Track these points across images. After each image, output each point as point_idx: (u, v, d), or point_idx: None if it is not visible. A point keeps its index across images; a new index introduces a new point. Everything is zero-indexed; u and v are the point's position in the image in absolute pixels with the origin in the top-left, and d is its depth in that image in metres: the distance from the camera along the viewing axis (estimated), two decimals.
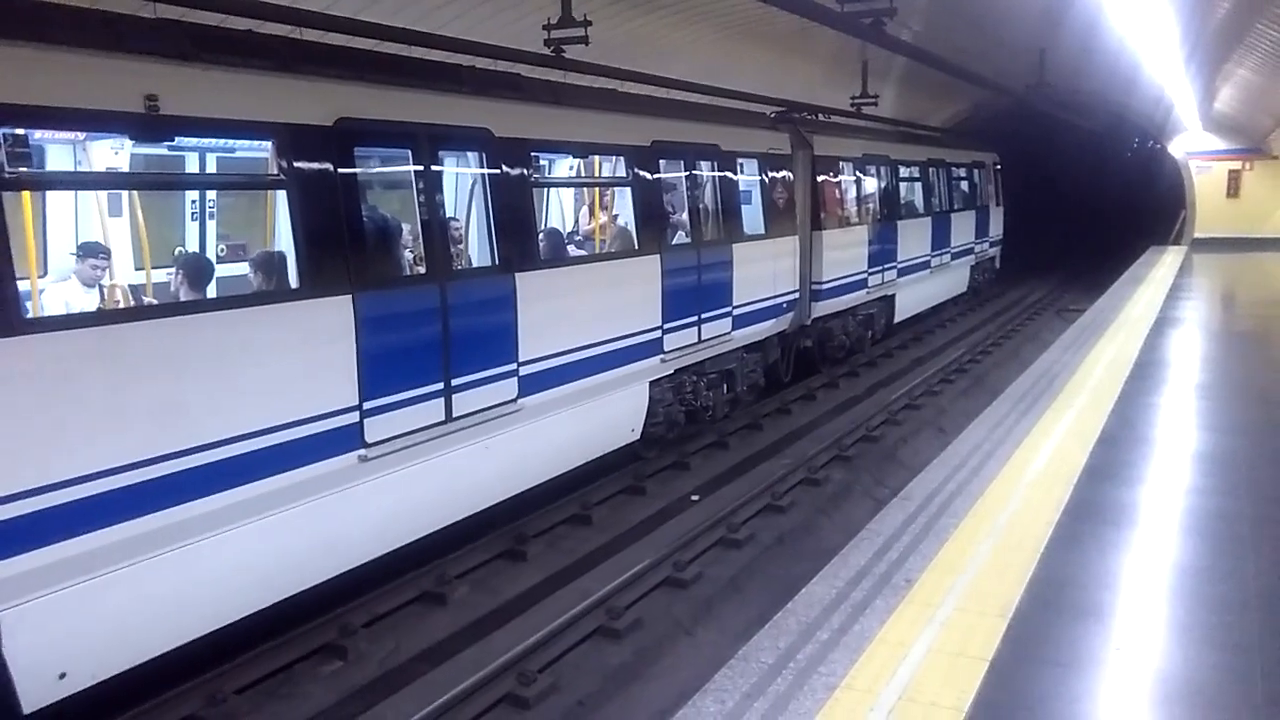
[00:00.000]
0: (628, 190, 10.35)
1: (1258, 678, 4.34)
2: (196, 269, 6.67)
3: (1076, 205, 36.90)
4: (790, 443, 12.59)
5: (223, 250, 8.33)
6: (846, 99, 18.08)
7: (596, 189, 11.26)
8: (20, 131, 5.22)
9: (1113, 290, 18.61)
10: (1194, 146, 27.56)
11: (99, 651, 5.41)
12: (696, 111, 12.11)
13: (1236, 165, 27.45)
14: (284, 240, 6.71)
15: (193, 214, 8.15)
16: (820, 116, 16.34)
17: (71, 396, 5.12)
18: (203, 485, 5.72)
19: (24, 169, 5.33)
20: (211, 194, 8.25)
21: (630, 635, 7.39)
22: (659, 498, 10.38)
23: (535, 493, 8.91)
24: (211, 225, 8.23)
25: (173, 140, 6.74)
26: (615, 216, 10.87)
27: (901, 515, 6.33)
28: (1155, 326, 13.93)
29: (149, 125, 5.72)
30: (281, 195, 6.61)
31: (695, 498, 10.41)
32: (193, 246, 8.02)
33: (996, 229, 25.68)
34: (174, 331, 5.65)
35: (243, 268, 7.49)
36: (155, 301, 6.72)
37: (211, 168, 7.94)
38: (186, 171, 7.89)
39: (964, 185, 22.98)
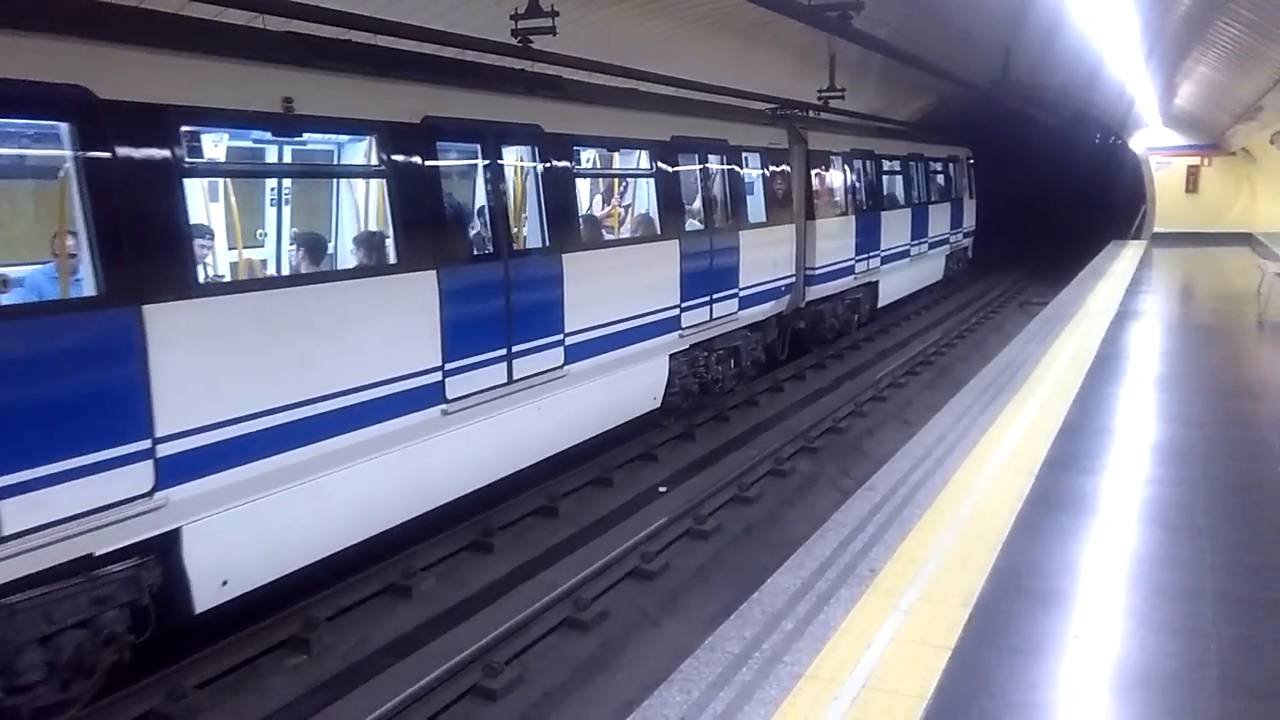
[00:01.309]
0: (651, 180, 11.38)
1: (1212, 663, 4.43)
2: (315, 245, 7.73)
3: (1039, 200, 37.30)
4: (757, 434, 12.64)
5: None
6: (814, 92, 18.14)
7: (627, 179, 12.22)
8: (194, 129, 6.44)
9: (1075, 283, 18.87)
10: (1154, 142, 27.95)
11: (251, 564, 6.49)
12: (710, 109, 13.30)
13: (1196, 161, 27.88)
14: (383, 222, 7.87)
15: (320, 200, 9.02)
16: (811, 113, 17.19)
17: (235, 347, 6.16)
18: (329, 428, 6.79)
19: (199, 160, 6.88)
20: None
21: (597, 626, 7.39)
22: (626, 489, 10.39)
23: (564, 457, 9.95)
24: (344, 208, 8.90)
25: (303, 136, 7.61)
26: (640, 203, 11.93)
27: (866, 506, 6.39)
28: (1116, 319, 14.14)
29: (287, 122, 6.74)
30: (381, 183, 7.70)
31: (663, 489, 10.43)
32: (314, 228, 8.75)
33: (970, 220, 27.10)
34: (305, 298, 6.80)
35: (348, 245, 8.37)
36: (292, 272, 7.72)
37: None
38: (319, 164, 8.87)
39: (940, 179, 24.11)
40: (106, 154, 5.46)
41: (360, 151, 8.08)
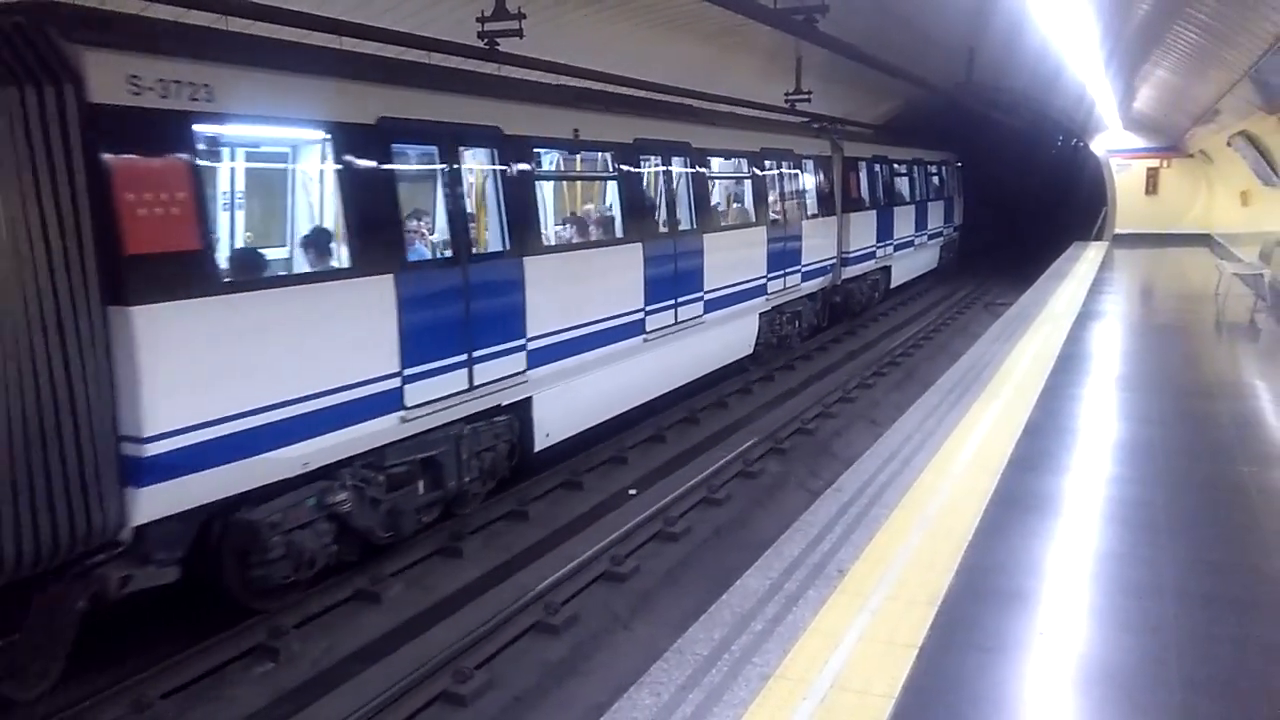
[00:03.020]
0: (749, 181, 15.20)
1: (1173, 659, 4.51)
2: (605, 222, 11.70)
3: (1002, 202, 37.70)
4: (727, 435, 12.69)
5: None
6: (781, 94, 18.25)
7: (740, 180, 15.44)
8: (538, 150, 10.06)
9: (1038, 284, 19.09)
10: (1115, 145, 28.34)
11: (558, 425, 10.20)
12: (782, 126, 17.62)
13: (1155, 163, 28.29)
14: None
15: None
16: (840, 126, 21.12)
17: (557, 287, 9.86)
18: (595, 344, 10.60)
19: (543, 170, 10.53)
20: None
21: (568, 630, 7.38)
22: (597, 492, 10.39)
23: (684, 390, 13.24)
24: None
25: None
26: (742, 198, 15.46)
27: (834, 506, 6.43)
28: (1078, 320, 14.34)
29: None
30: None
31: (633, 492, 10.44)
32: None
33: (959, 216, 31.69)
34: (598, 259, 10.90)
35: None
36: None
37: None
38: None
39: (936, 180, 28.37)
40: (507, 167, 9.29)
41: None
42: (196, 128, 6.34)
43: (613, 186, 11.69)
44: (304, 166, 8.17)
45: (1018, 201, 37.53)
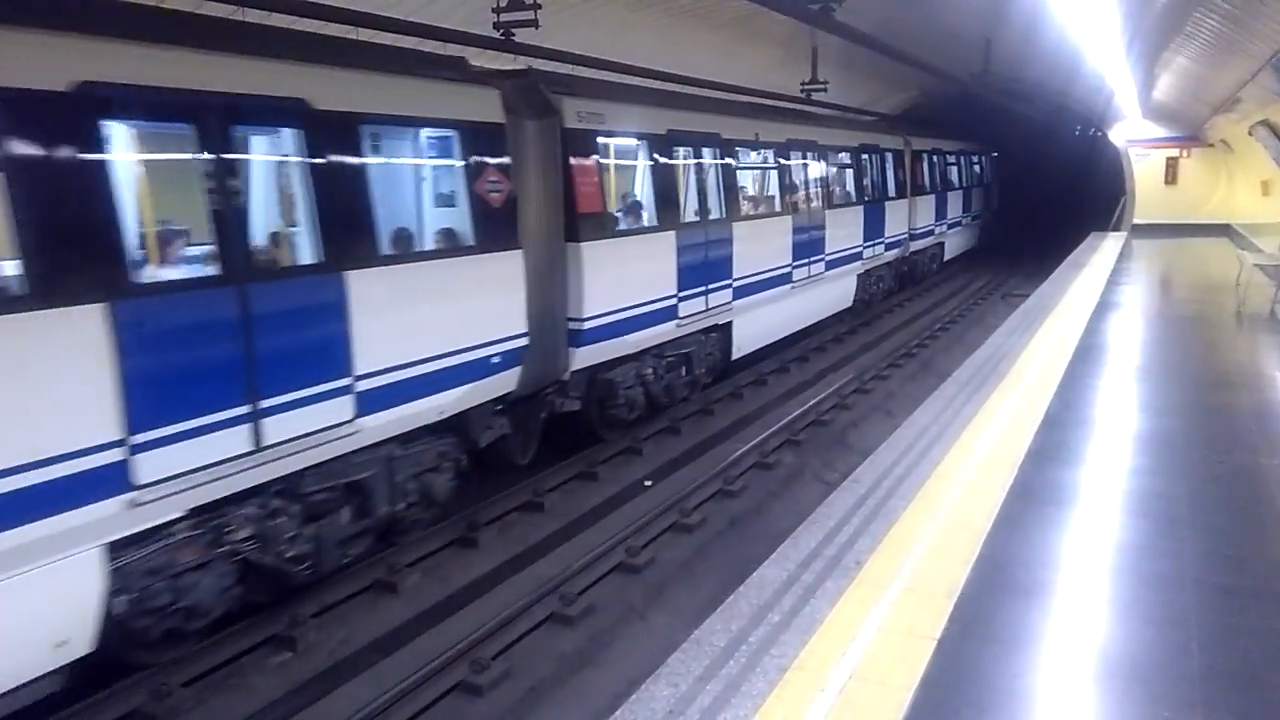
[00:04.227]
0: (850, 170, 18.78)
1: (1194, 652, 4.47)
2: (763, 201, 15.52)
3: (1020, 192, 37.47)
4: (742, 427, 12.67)
5: None
6: (797, 84, 18.16)
7: (844, 169, 18.68)
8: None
9: (1056, 275, 18.96)
10: (1134, 134, 28.09)
11: (745, 343, 13.88)
12: (873, 125, 21.85)
13: (1174, 153, 28.03)
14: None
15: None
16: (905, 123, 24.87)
17: (754, 243, 13.91)
18: (765, 287, 14.29)
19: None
20: None
21: (583, 621, 7.40)
22: (612, 483, 10.40)
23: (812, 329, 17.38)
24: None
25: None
26: (847, 183, 18.82)
27: (851, 498, 6.41)
28: (1096, 311, 14.23)
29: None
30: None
31: (648, 483, 10.44)
32: None
33: (994, 202, 35.08)
34: (768, 227, 14.77)
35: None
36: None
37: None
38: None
39: (977, 169, 31.94)
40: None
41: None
42: (599, 139, 10.37)
43: (774, 175, 15.35)
44: (643, 161, 11.62)
45: (1035, 192, 37.30)
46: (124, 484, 5.62)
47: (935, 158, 25.57)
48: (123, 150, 6.34)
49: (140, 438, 5.68)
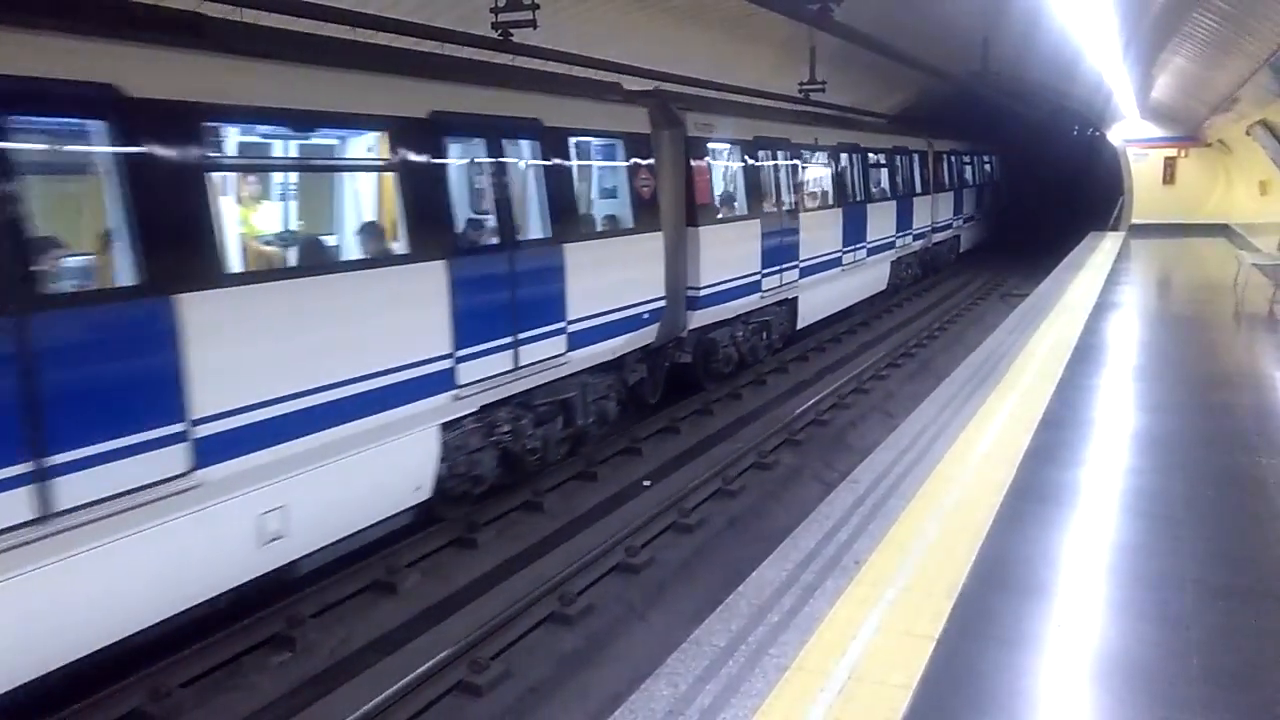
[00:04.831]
0: (885, 169, 21.41)
1: (1193, 652, 4.48)
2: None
3: (1018, 192, 37.52)
4: (741, 427, 12.68)
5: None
6: (794, 85, 18.15)
7: (880, 168, 21.32)
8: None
9: (1054, 274, 18.98)
10: (1132, 134, 28.11)
11: (807, 315, 16.44)
12: (903, 129, 24.48)
13: (1173, 152, 28.05)
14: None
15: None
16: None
17: (813, 229, 16.56)
18: (823, 268, 16.98)
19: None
20: None
21: (583, 621, 7.40)
22: (611, 483, 10.40)
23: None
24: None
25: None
26: (882, 181, 21.37)
27: (850, 498, 6.41)
28: (1095, 310, 14.25)
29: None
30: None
31: (647, 483, 10.44)
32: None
33: (1004, 199, 37.22)
34: (825, 218, 17.54)
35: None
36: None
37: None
38: None
39: (987, 169, 34.54)
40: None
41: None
42: (709, 145, 12.96)
43: (828, 174, 17.82)
44: (738, 163, 14.05)
45: (1033, 191, 37.34)
46: (452, 383, 8.12)
47: (953, 158, 28.47)
48: (455, 158, 8.58)
49: (461, 353, 8.19)
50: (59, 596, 5.35)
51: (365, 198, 8.25)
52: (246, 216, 7.39)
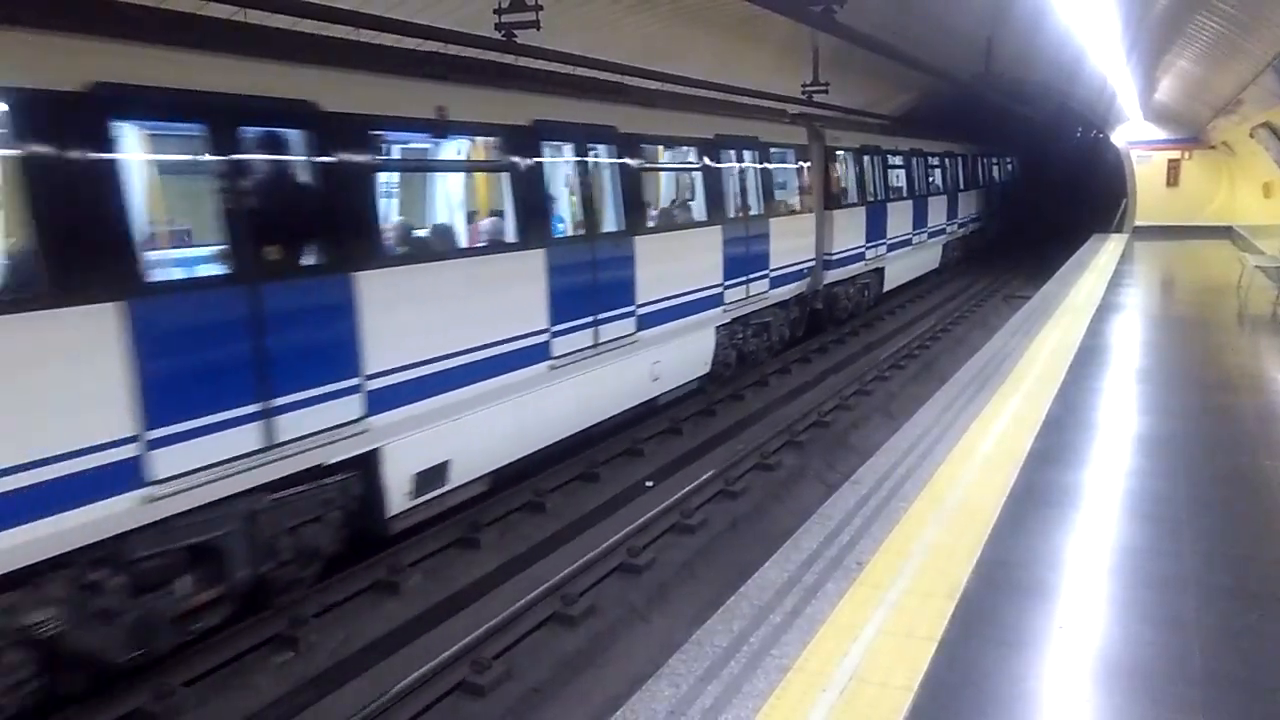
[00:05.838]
0: (939, 169, 25.80)
1: (1195, 654, 4.47)
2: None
3: (1021, 194, 37.50)
4: (743, 429, 12.67)
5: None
6: (798, 86, 18.17)
7: (933, 168, 25.18)
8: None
9: (1058, 276, 18.97)
10: (1135, 136, 28.09)
11: (890, 281, 21.59)
12: (935, 134, 26.58)
13: (1176, 155, 28.03)
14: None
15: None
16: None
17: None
18: (899, 246, 21.82)
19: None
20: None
21: (585, 621, 7.40)
22: (613, 484, 10.40)
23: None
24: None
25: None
26: (935, 180, 25.28)
27: (852, 499, 6.41)
28: (1098, 312, 14.24)
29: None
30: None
31: (649, 484, 10.44)
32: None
33: (1018, 197, 39.49)
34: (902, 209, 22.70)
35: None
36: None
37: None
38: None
39: (1009, 168, 37.33)
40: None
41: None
42: (839, 151, 17.61)
43: (904, 172, 22.20)
44: (853, 164, 18.47)
45: (1036, 193, 37.32)
46: (722, 301, 13.01)
47: (982, 160, 33.06)
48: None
49: (726, 284, 13.13)
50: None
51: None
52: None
